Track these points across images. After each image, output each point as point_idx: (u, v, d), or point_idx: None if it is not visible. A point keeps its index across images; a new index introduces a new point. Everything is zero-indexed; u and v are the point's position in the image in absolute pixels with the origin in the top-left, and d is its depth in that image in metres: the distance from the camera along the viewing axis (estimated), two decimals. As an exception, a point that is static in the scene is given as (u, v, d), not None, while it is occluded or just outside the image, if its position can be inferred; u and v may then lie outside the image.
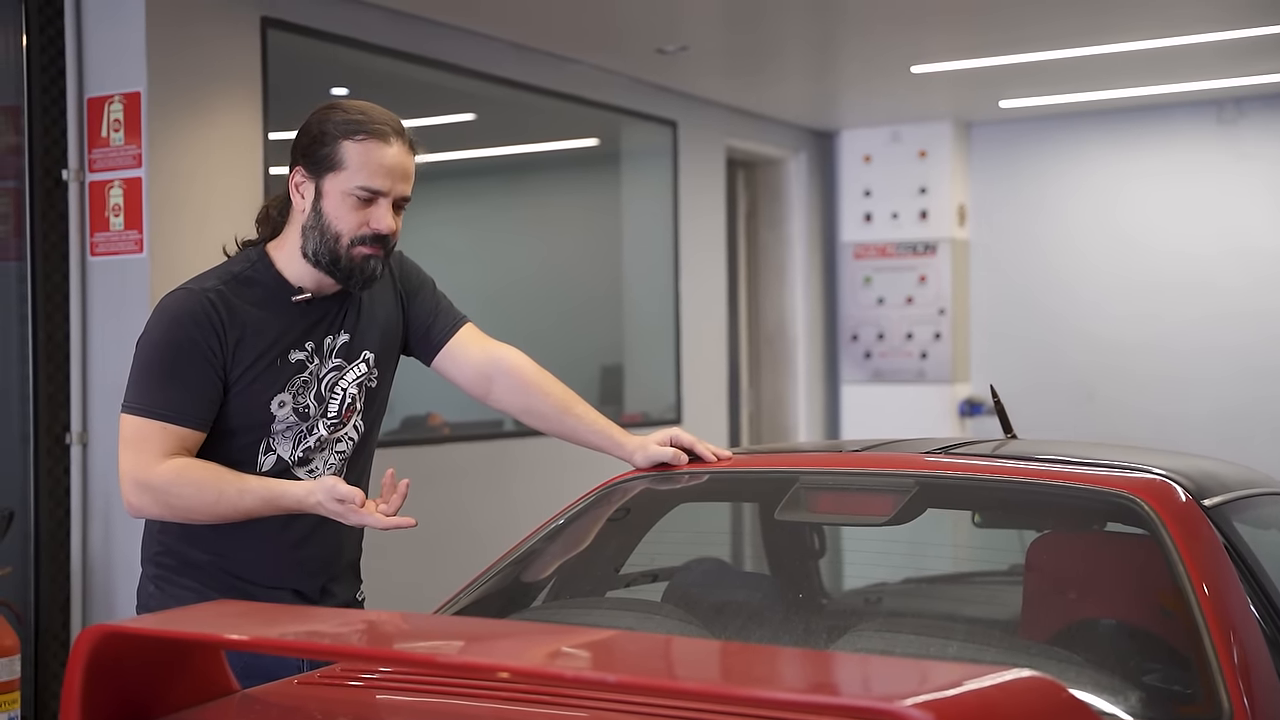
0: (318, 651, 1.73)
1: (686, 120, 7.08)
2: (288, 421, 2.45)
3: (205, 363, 2.37)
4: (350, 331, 2.52)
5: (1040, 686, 1.43)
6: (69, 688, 1.68)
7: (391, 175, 2.41)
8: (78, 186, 4.43)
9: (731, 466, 2.62)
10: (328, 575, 2.55)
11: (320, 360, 2.48)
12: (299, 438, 2.46)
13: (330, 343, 2.50)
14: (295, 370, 2.45)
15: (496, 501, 5.68)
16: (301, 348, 2.46)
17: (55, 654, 4.35)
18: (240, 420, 2.42)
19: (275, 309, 2.44)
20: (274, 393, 2.43)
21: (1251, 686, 1.86)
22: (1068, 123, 7.92)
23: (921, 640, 2.09)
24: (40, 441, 4.36)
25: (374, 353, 2.55)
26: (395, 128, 2.43)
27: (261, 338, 2.41)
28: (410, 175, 2.45)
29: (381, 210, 2.42)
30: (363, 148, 2.39)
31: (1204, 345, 7.57)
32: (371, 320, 2.56)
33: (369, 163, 2.39)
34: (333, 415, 2.49)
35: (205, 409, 2.38)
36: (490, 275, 6.27)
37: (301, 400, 2.45)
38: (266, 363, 2.42)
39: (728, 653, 1.66)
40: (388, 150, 2.40)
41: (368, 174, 2.39)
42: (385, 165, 2.40)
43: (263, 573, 2.46)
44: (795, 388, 8.21)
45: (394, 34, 5.29)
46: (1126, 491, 2.21)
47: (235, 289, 2.42)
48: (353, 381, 2.52)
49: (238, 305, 2.41)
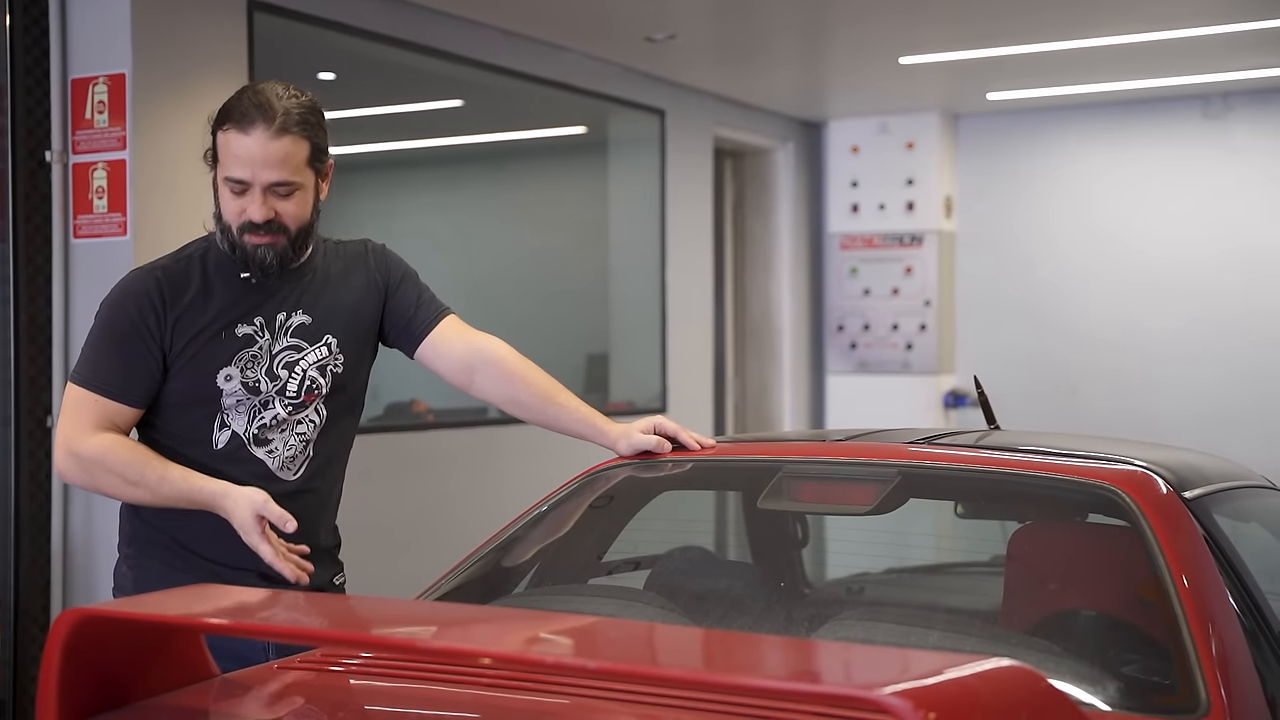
0: (299, 635, 1.73)
1: (675, 109, 7.07)
2: (237, 395, 2.46)
3: (141, 340, 2.43)
4: (311, 313, 2.53)
5: (1020, 676, 1.43)
6: (47, 671, 1.67)
7: (251, 164, 2.40)
8: (61, 168, 4.41)
9: (715, 455, 2.62)
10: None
11: (271, 336, 2.49)
12: (253, 413, 2.47)
13: (284, 320, 2.51)
14: (243, 344, 2.47)
15: (481, 488, 5.67)
16: (250, 322, 2.48)
17: (34, 637, 4.34)
18: (189, 393, 2.46)
19: (223, 285, 2.47)
20: (219, 365, 2.46)
21: (1229, 678, 1.87)
22: (1055, 116, 7.93)
23: (903, 630, 2.10)
24: (21, 424, 4.34)
25: (337, 337, 2.55)
26: (263, 113, 2.40)
27: (205, 312, 2.45)
28: (280, 160, 2.40)
29: (252, 199, 2.42)
30: (226, 138, 2.43)
31: (1189, 337, 7.60)
32: (335, 303, 2.56)
33: (229, 153, 2.42)
34: (292, 394, 2.50)
35: (140, 386, 2.44)
36: (476, 262, 6.26)
37: (250, 374, 2.47)
38: (209, 335, 2.45)
39: (709, 640, 1.67)
40: (245, 140, 2.40)
41: (229, 164, 2.43)
42: (242, 155, 2.40)
43: (226, 553, 2.44)
44: (780, 377, 8.22)
45: (382, 19, 5.27)
46: (1108, 483, 2.22)
47: (186, 266, 2.48)
48: (313, 364, 2.52)
49: (184, 281, 2.46)
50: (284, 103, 2.42)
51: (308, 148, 2.45)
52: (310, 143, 2.45)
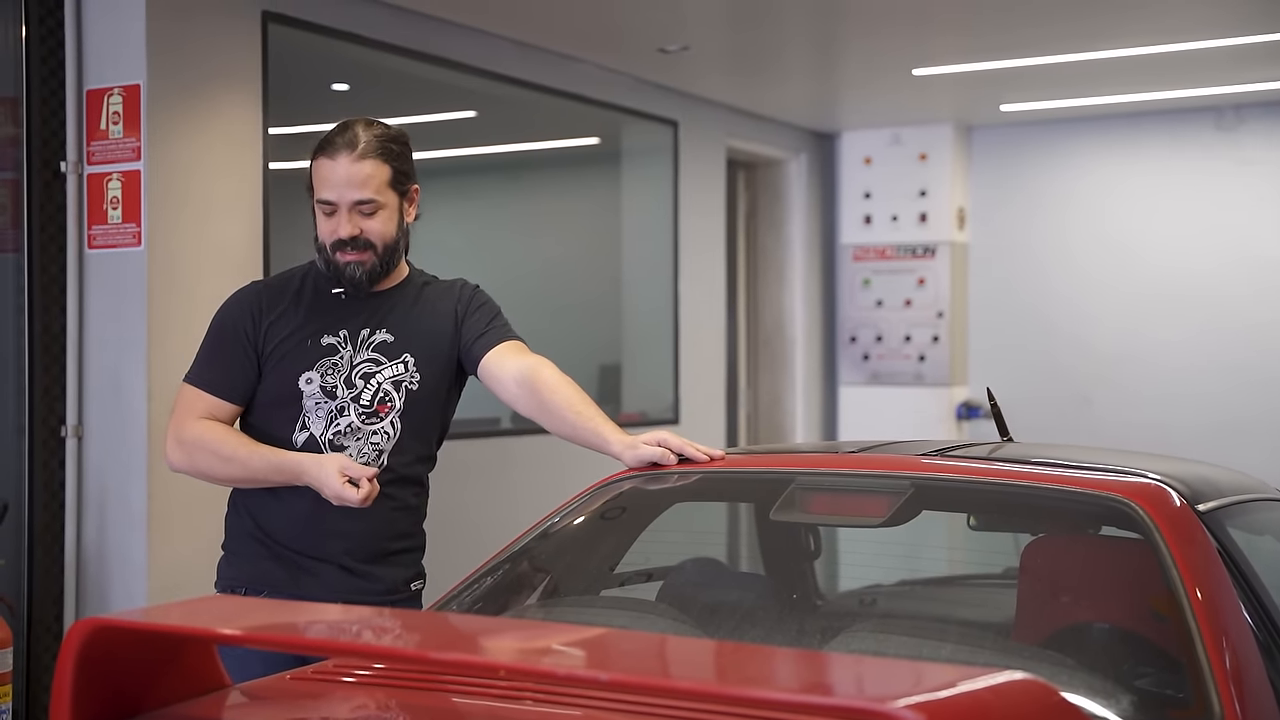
0: (310, 647, 1.73)
1: (687, 120, 7.08)
2: (316, 398, 2.70)
3: (239, 342, 2.73)
4: (394, 332, 2.76)
5: (1032, 689, 1.43)
6: (60, 681, 1.67)
7: (336, 186, 2.69)
8: (76, 179, 4.43)
9: (726, 466, 2.62)
10: (369, 553, 2.71)
11: (353, 348, 2.74)
12: (330, 418, 2.70)
13: (367, 335, 2.75)
14: (326, 353, 2.73)
15: (494, 499, 5.67)
16: (335, 334, 2.74)
17: (48, 647, 4.35)
18: (276, 392, 2.72)
19: (316, 298, 2.77)
20: (302, 369, 2.71)
21: (1243, 692, 1.86)
22: (1068, 127, 7.92)
23: (915, 642, 2.09)
24: (36, 434, 4.35)
25: (415, 356, 2.76)
26: (347, 140, 2.69)
27: (295, 320, 2.74)
28: (361, 180, 2.68)
29: (339, 219, 2.70)
30: (317, 165, 2.73)
31: (1202, 348, 7.58)
32: (418, 326, 2.78)
33: (319, 179, 2.72)
34: (365, 403, 2.71)
35: (237, 382, 2.73)
36: (489, 273, 6.22)
37: (329, 380, 2.71)
38: (296, 341, 2.73)
39: (721, 652, 1.66)
40: (332, 164, 2.69)
41: (320, 187, 2.72)
42: (330, 179, 2.70)
43: (303, 541, 2.69)
44: (793, 389, 8.22)
45: (396, 30, 5.29)
46: (1121, 496, 2.21)
47: (287, 280, 2.81)
48: (389, 378, 2.74)
49: (283, 293, 2.78)
50: (367, 132, 2.71)
51: (389, 171, 2.72)
52: (391, 167, 2.72)
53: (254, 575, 2.73)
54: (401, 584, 2.78)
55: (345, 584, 2.69)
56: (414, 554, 2.84)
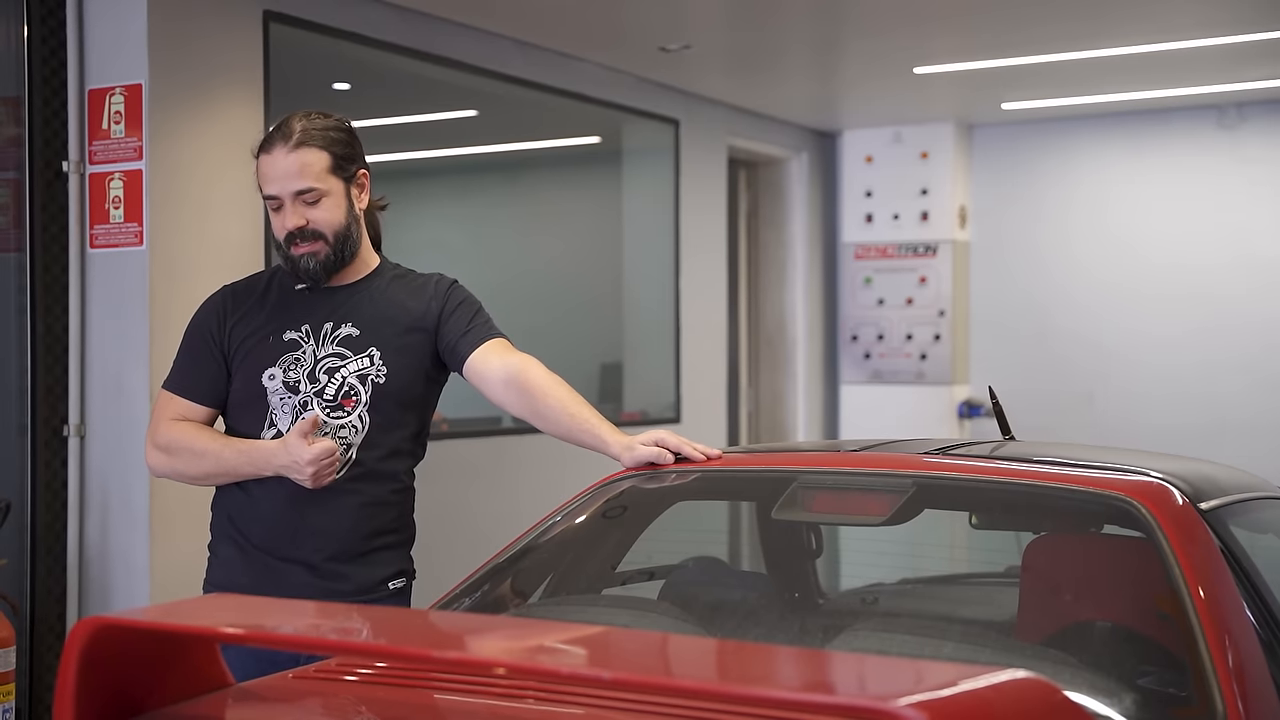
0: (313, 646, 1.73)
1: (689, 119, 7.08)
2: (280, 394, 2.68)
3: (207, 345, 2.75)
4: (360, 326, 2.71)
5: (1035, 687, 1.43)
6: (63, 680, 1.67)
7: (276, 180, 2.67)
8: (78, 178, 4.43)
9: (726, 465, 2.62)
10: (341, 552, 2.65)
11: (316, 343, 2.71)
12: (295, 413, 2.66)
13: (331, 329, 2.71)
14: (289, 348, 2.71)
15: (495, 498, 5.68)
16: (297, 329, 2.72)
17: (50, 646, 4.35)
18: (244, 390, 2.71)
19: (280, 296, 2.76)
20: (265, 366, 2.70)
21: (1246, 690, 1.86)
22: (1069, 125, 7.92)
23: (917, 640, 2.09)
24: (38, 433, 4.36)
25: (381, 349, 2.70)
26: (283, 133, 2.66)
27: (258, 318, 2.73)
28: (299, 170, 2.65)
29: (285, 212, 2.68)
30: (259, 164, 2.71)
31: (1203, 346, 7.57)
32: (385, 320, 2.73)
33: (262, 176, 2.70)
34: (329, 397, 2.67)
35: (207, 384, 2.74)
36: (490, 272, 6.26)
37: (292, 375, 2.69)
38: (259, 339, 2.72)
39: (723, 651, 1.66)
40: (270, 159, 2.67)
41: (262, 184, 2.70)
42: (270, 174, 2.68)
43: (274, 539, 2.67)
44: (794, 387, 8.21)
45: (397, 29, 5.29)
46: (1123, 494, 2.21)
47: (254, 281, 2.81)
48: (354, 372, 2.69)
49: (249, 294, 2.77)
50: (302, 123, 2.67)
51: (328, 158, 2.67)
52: (330, 153, 2.67)
53: (224, 580, 2.70)
54: (376, 584, 2.70)
55: (311, 585, 2.63)
56: (394, 552, 2.74)
